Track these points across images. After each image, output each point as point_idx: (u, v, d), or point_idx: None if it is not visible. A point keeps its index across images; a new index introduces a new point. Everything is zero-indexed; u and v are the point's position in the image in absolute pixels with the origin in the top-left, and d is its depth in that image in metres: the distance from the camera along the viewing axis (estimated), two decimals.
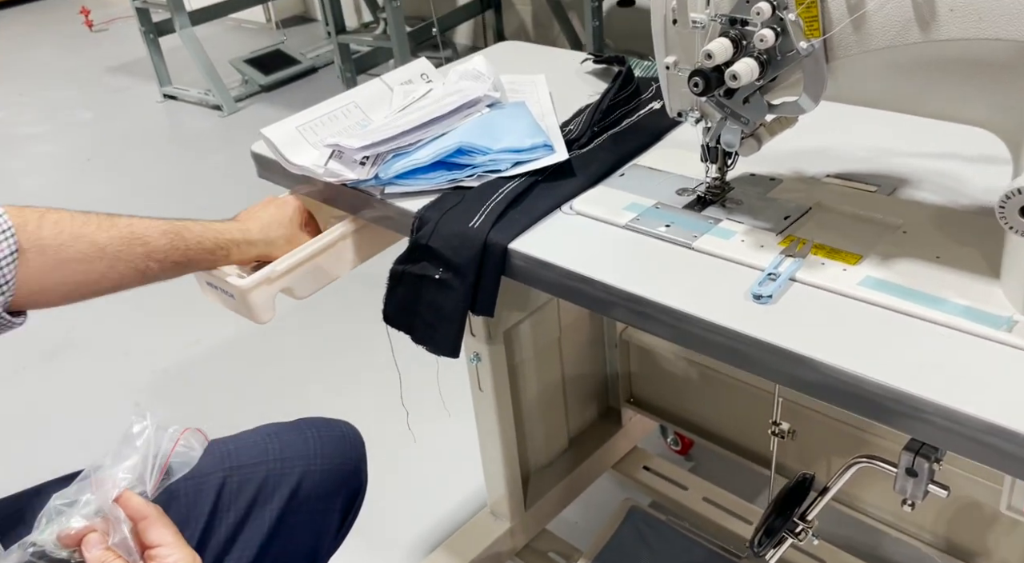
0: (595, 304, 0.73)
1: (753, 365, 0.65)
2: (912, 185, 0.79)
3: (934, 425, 0.57)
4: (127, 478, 0.61)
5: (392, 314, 0.86)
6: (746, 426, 1.24)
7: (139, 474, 0.62)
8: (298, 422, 0.93)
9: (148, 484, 0.62)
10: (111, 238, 0.79)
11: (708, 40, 0.66)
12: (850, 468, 0.77)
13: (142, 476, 0.62)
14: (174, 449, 0.64)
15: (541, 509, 1.33)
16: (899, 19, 0.58)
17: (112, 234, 0.79)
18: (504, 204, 0.82)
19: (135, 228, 0.81)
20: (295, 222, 0.94)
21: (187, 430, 0.66)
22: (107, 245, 0.78)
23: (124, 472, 0.62)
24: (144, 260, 0.81)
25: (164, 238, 0.82)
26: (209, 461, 0.82)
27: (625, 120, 0.99)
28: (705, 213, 0.79)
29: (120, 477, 0.61)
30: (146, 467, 0.62)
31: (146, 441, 0.63)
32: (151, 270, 0.82)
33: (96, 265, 0.78)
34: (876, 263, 0.68)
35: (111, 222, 0.80)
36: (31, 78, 4.06)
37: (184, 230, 0.84)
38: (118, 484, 0.61)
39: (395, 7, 2.84)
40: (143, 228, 0.81)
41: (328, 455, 0.89)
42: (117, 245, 0.79)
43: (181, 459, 0.65)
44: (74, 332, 2.14)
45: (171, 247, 0.82)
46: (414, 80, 1.07)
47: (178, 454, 0.64)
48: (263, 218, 0.93)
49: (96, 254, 0.77)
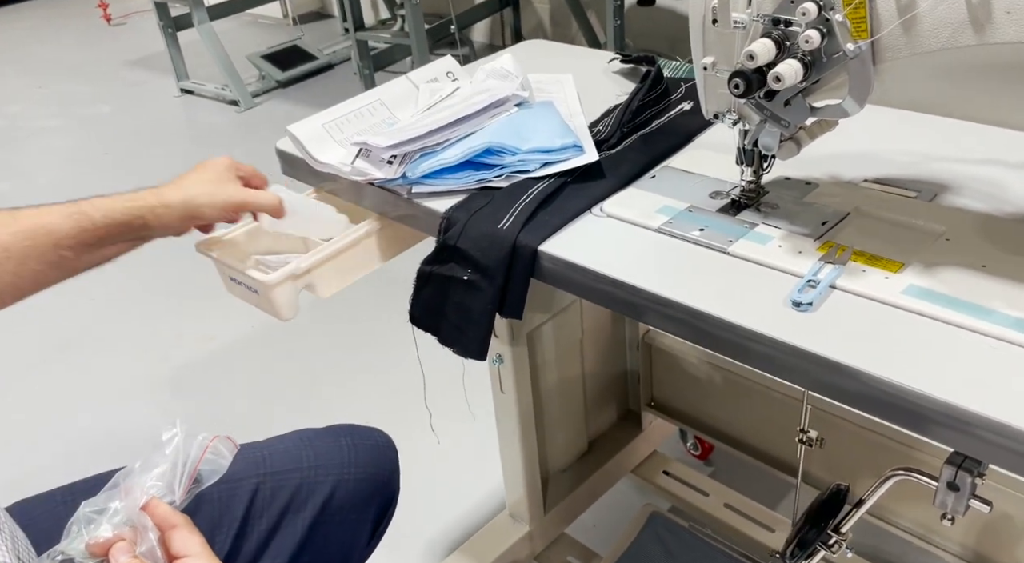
0: (629, 309, 0.72)
1: (792, 374, 0.63)
2: (953, 191, 0.77)
3: (981, 439, 0.55)
4: (156, 485, 0.61)
5: (419, 315, 0.85)
6: (769, 432, 1.23)
7: (168, 482, 0.61)
8: (332, 429, 0.92)
9: (177, 492, 0.61)
10: (14, 235, 0.74)
11: (749, 41, 0.65)
12: (887, 480, 0.76)
13: (171, 484, 0.61)
14: (203, 457, 0.63)
15: (560, 513, 1.32)
16: (952, 21, 0.56)
17: (14, 230, 0.74)
18: (534, 205, 0.81)
19: (39, 219, 0.76)
20: (222, 177, 0.87)
21: (216, 438, 0.65)
22: (11, 244, 0.74)
23: (153, 480, 0.61)
24: (54, 251, 0.76)
25: (69, 221, 0.76)
26: (242, 466, 0.82)
27: (655, 121, 0.97)
28: (740, 217, 0.78)
29: (148, 485, 0.61)
30: (175, 475, 0.62)
31: (175, 449, 0.62)
32: (66, 260, 0.77)
33: (5, 266, 0.74)
34: (919, 271, 0.66)
35: (12, 218, 0.75)
36: (49, 71, 4.07)
37: (90, 208, 0.78)
38: (146, 492, 0.60)
39: (414, 4, 2.83)
40: (46, 217, 0.76)
41: (362, 464, 0.88)
42: (21, 241, 0.74)
43: (210, 467, 0.64)
44: (90, 326, 2.14)
45: (79, 229, 0.77)
46: (440, 78, 1.06)
47: (207, 462, 0.64)
48: (182, 180, 0.86)
49: (1, 257, 0.73)
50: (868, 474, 1.08)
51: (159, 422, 1.89)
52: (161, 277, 2.27)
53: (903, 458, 1.02)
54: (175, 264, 1.96)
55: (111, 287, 2.29)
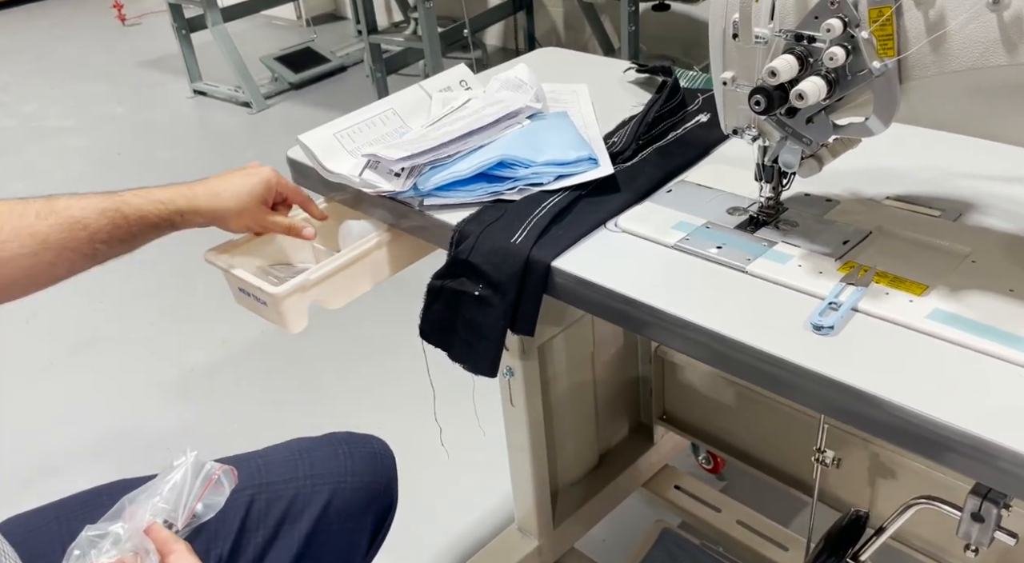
0: (643, 328, 0.70)
1: (811, 399, 0.61)
2: (979, 210, 0.75)
3: (1006, 472, 0.53)
4: (163, 509, 0.61)
5: (429, 330, 0.83)
6: (784, 449, 1.20)
7: (172, 508, 0.61)
8: (329, 437, 0.91)
9: (179, 519, 0.61)
10: (52, 227, 0.77)
11: (771, 57, 0.63)
12: (909, 508, 0.74)
13: (175, 510, 0.61)
14: (208, 487, 0.63)
15: (570, 527, 1.30)
16: (983, 40, 0.55)
17: (52, 222, 0.77)
18: (547, 220, 0.80)
19: (74, 211, 0.78)
20: (255, 196, 0.89)
21: (221, 469, 0.65)
22: (48, 234, 0.77)
23: (157, 505, 0.61)
24: (89, 244, 0.79)
25: (104, 218, 0.79)
26: (238, 476, 0.81)
27: (671, 133, 0.95)
28: (758, 234, 0.76)
29: (152, 510, 0.60)
30: (180, 502, 0.62)
31: (183, 476, 0.62)
32: (99, 252, 0.80)
33: (43, 257, 0.77)
34: (945, 295, 0.64)
35: (49, 208, 0.78)
36: (63, 71, 4.09)
37: (124, 206, 0.81)
38: (150, 516, 0.60)
39: (427, 7, 2.82)
40: (81, 210, 0.79)
41: (359, 472, 0.87)
42: (59, 233, 0.77)
43: (211, 500, 0.64)
44: (101, 329, 2.14)
45: (113, 226, 0.80)
46: (453, 87, 1.04)
47: (209, 495, 0.64)
48: (218, 187, 0.88)
49: (40, 246, 0.76)
50: (887, 496, 1.06)
51: (168, 426, 1.88)
52: (173, 280, 2.26)
53: (924, 480, 1.00)
54: (187, 266, 1.96)
55: (122, 290, 2.28)
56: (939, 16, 0.55)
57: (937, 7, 0.55)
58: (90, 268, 0.81)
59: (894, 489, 1.06)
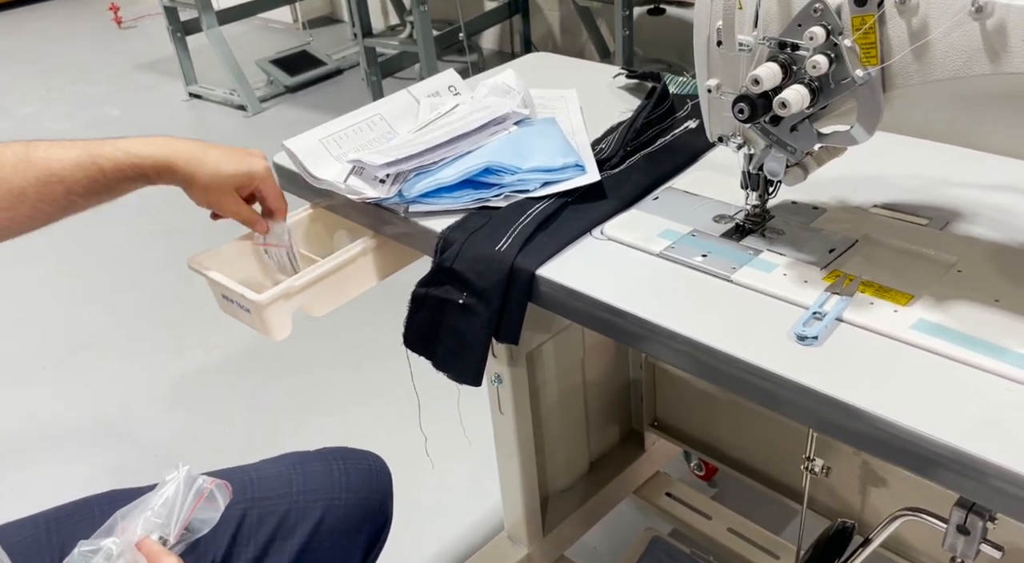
0: (627, 338, 0.70)
1: (795, 411, 0.61)
2: (966, 219, 0.75)
3: (992, 487, 0.52)
4: (155, 524, 0.61)
5: (413, 338, 0.83)
6: (775, 457, 1.20)
7: (163, 522, 0.61)
8: (324, 452, 0.90)
9: (172, 533, 0.61)
10: (28, 182, 0.76)
11: (755, 64, 0.63)
12: (895, 520, 0.73)
13: (167, 525, 0.61)
14: (199, 501, 0.63)
15: (560, 534, 1.29)
16: (966, 49, 0.54)
17: (29, 177, 0.77)
18: (532, 227, 0.79)
19: (52, 164, 0.78)
20: (233, 181, 0.86)
21: (214, 483, 0.64)
22: (25, 190, 0.76)
23: (150, 520, 0.61)
24: (66, 197, 0.79)
25: (80, 172, 0.79)
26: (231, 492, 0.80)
27: (659, 139, 0.95)
28: (744, 243, 0.75)
29: (144, 524, 0.61)
30: (171, 516, 0.62)
31: (175, 491, 0.62)
32: (76, 204, 0.80)
33: (20, 211, 0.77)
34: (930, 305, 0.64)
35: (27, 159, 0.77)
36: (59, 73, 4.08)
37: (101, 159, 0.80)
38: (142, 531, 0.60)
39: (422, 11, 2.82)
40: (59, 163, 0.78)
41: (354, 489, 0.86)
42: (35, 188, 0.77)
43: (204, 515, 0.64)
44: (93, 334, 2.13)
45: (89, 180, 0.79)
46: (441, 92, 1.04)
47: (202, 509, 0.63)
48: (204, 155, 0.85)
49: (17, 200, 0.76)
50: (877, 504, 1.06)
51: (159, 433, 1.87)
52: (165, 285, 2.26)
53: (914, 489, 0.99)
54: (179, 272, 1.95)
55: (114, 296, 2.28)
56: (922, 24, 0.55)
57: (920, 15, 0.55)
58: (67, 217, 0.82)
59: (884, 497, 1.05)
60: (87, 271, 2.38)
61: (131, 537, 0.62)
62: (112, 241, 2.47)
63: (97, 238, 2.46)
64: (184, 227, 2.34)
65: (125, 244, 2.47)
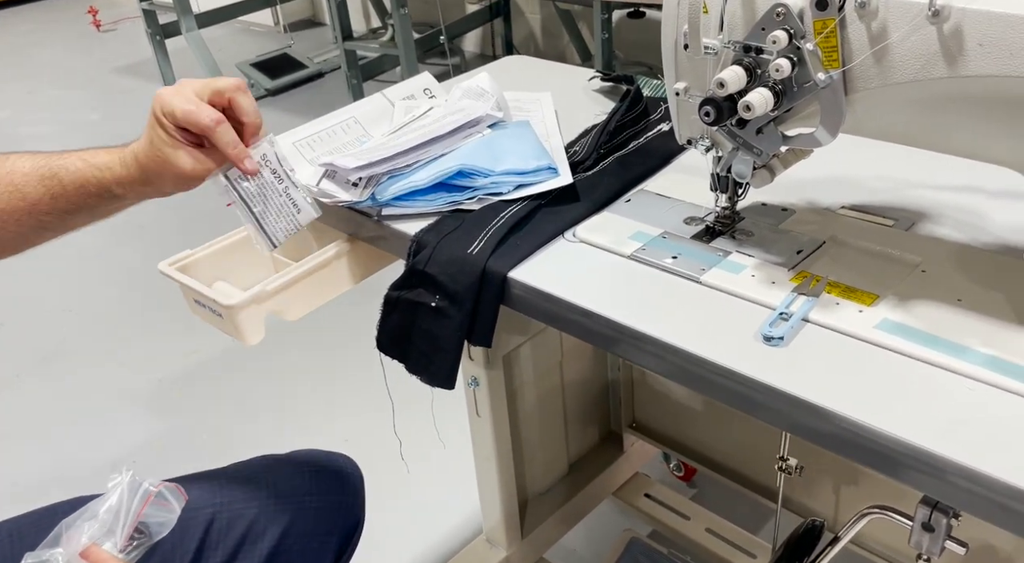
0: (598, 339, 0.70)
1: (761, 411, 0.61)
2: (931, 220, 0.75)
3: (954, 486, 0.53)
4: (100, 532, 0.59)
5: (386, 342, 0.83)
6: (752, 457, 1.21)
7: (109, 528, 0.60)
8: (294, 454, 0.89)
9: (119, 539, 0.60)
10: None
11: (721, 67, 0.63)
12: (862, 518, 0.74)
13: (113, 530, 0.60)
14: (146, 504, 0.62)
15: (539, 537, 1.29)
16: (924, 52, 0.55)
17: None
18: (505, 229, 0.79)
19: (15, 178, 0.69)
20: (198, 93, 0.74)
21: (163, 485, 0.64)
22: None
23: (94, 527, 0.60)
24: (32, 216, 0.70)
25: (41, 187, 0.70)
26: (198, 495, 0.79)
27: (632, 142, 0.95)
28: (714, 244, 0.76)
29: (89, 533, 0.59)
30: (117, 522, 0.61)
31: (119, 496, 0.61)
32: (48, 223, 0.72)
33: None
34: (894, 305, 0.64)
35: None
36: (38, 77, 4.05)
37: (63, 172, 0.70)
38: (87, 540, 0.59)
39: (403, 14, 2.82)
40: (23, 177, 0.69)
41: (324, 491, 0.85)
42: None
43: (158, 518, 0.63)
44: (68, 341, 2.11)
45: (51, 196, 0.70)
46: (416, 95, 1.04)
47: (154, 514, 0.63)
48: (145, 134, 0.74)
49: None
50: (851, 502, 1.07)
51: (136, 438, 1.85)
52: (141, 290, 2.24)
53: (885, 487, 1.00)
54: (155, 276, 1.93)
55: (90, 300, 2.26)
56: (881, 28, 0.56)
57: (879, 19, 0.55)
58: (56, 237, 0.73)
59: (857, 495, 1.06)
60: (60, 276, 2.35)
61: (76, 547, 0.61)
62: (85, 244, 2.45)
63: (70, 241, 2.43)
64: (159, 229, 2.33)
65: (99, 248, 2.45)
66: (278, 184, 0.75)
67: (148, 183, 0.73)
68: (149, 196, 0.75)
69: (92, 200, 0.73)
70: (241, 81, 0.74)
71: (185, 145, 0.71)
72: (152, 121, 0.71)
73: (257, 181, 0.74)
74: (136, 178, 0.72)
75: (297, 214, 0.78)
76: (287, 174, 0.75)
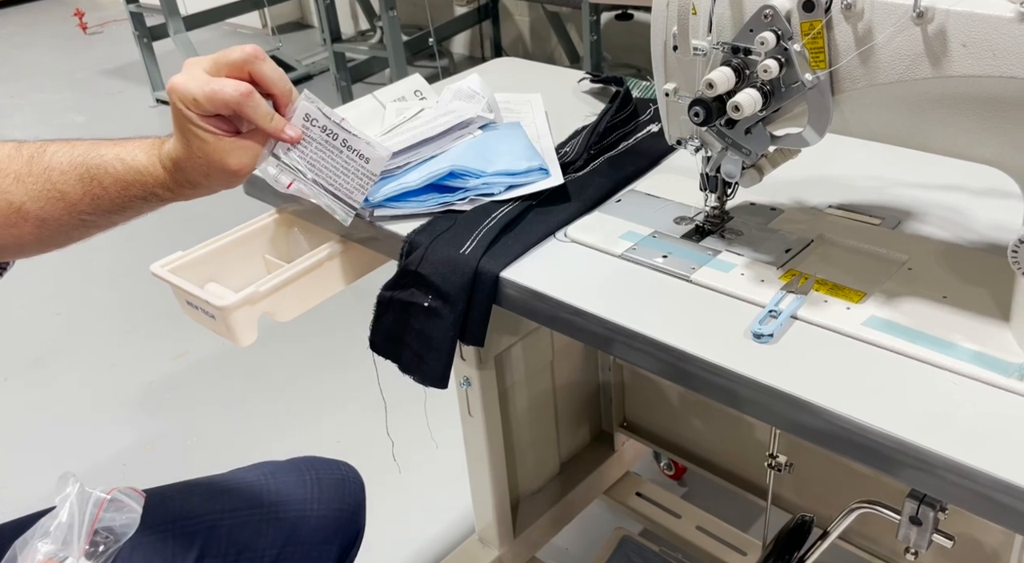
0: (589, 338, 0.71)
1: (751, 407, 0.62)
2: (917, 218, 0.77)
3: (941, 479, 0.54)
4: (51, 547, 0.58)
5: (379, 342, 0.83)
6: (742, 455, 1.22)
7: (63, 541, 0.59)
8: (295, 461, 0.89)
9: (74, 551, 0.59)
10: (28, 195, 0.65)
11: (710, 68, 0.64)
12: (851, 513, 0.75)
13: (68, 543, 0.59)
14: (100, 511, 0.61)
15: (531, 536, 1.30)
16: (909, 53, 0.56)
17: (29, 188, 0.65)
18: (496, 230, 0.80)
19: (53, 175, 0.65)
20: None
21: (115, 489, 0.62)
22: (24, 203, 0.65)
23: (47, 542, 0.59)
24: (73, 215, 0.66)
25: (80, 187, 0.65)
26: (199, 502, 0.79)
27: (622, 143, 0.96)
28: (704, 243, 0.77)
29: (43, 547, 0.58)
30: (72, 534, 0.59)
31: (70, 507, 0.60)
32: (91, 222, 0.68)
33: (23, 228, 0.66)
34: (881, 302, 0.65)
35: (30, 165, 0.65)
36: (23, 80, 4.02)
37: (102, 174, 0.65)
38: (41, 558, 0.58)
39: (391, 16, 2.82)
40: (61, 175, 0.65)
41: (325, 500, 0.85)
42: (35, 203, 0.65)
43: (122, 520, 0.61)
44: (57, 343, 2.10)
45: (92, 197, 0.66)
46: (407, 97, 1.04)
47: (114, 517, 0.61)
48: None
49: (18, 217, 0.65)
50: (839, 498, 1.08)
51: (127, 440, 1.84)
52: (133, 291, 2.23)
53: (874, 483, 1.01)
54: (146, 277, 1.93)
55: (80, 302, 2.25)
56: (867, 29, 0.57)
57: (865, 20, 0.56)
58: (101, 232, 0.69)
59: (847, 491, 1.07)
60: (49, 278, 2.34)
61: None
62: (74, 246, 2.44)
63: None
64: (148, 231, 2.32)
65: (88, 250, 2.43)
66: (333, 141, 0.66)
67: (196, 186, 0.67)
68: (197, 196, 0.70)
69: (136, 203, 0.69)
70: (255, 47, 0.65)
71: (225, 136, 0.64)
72: (179, 119, 0.64)
73: (309, 147, 0.65)
74: (181, 181, 0.67)
75: (366, 164, 0.68)
76: (339, 126, 0.66)
